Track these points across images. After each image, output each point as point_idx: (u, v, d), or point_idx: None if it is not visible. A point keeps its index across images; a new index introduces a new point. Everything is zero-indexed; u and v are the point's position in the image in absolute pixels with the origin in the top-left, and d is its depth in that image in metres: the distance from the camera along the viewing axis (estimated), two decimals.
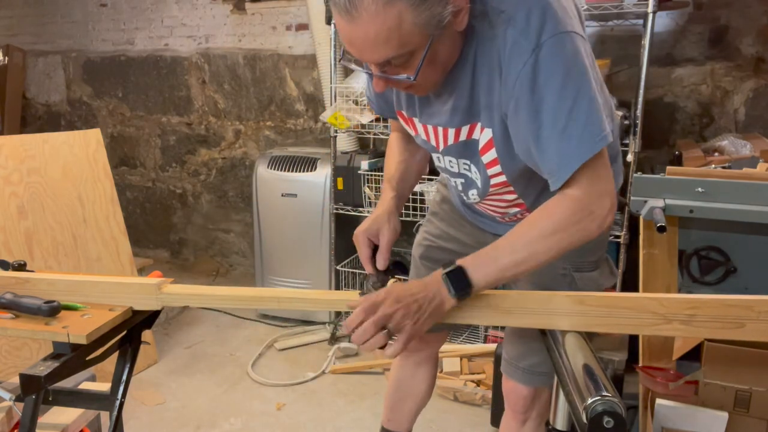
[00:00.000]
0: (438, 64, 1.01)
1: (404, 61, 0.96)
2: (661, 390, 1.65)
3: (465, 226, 1.45)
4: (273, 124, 3.77)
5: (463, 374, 2.56)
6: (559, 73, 0.95)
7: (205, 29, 3.79)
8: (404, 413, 1.70)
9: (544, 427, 1.45)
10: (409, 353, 1.62)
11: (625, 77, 2.74)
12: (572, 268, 1.28)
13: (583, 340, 1.05)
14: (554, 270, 1.26)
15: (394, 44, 0.92)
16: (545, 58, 0.95)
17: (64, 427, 1.44)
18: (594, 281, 1.30)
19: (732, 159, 2.05)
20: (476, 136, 1.12)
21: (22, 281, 1.22)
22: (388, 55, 0.94)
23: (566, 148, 0.97)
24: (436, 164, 1.29)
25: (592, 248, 1.26)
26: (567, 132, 0.96)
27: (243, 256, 4.09)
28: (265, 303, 1.22)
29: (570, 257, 1.22)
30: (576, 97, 0.96)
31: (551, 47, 0.95)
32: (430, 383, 1.68)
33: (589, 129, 0.96)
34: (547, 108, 0.96)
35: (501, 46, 0.98)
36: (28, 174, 2.39)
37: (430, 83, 1.05)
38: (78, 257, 2.50)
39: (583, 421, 0.85)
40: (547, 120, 0.97)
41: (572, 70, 0.96)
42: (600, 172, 1.00)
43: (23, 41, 4.29)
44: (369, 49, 0.94)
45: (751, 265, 1.61)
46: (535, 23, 0.95)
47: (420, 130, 1.22)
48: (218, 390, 2.59)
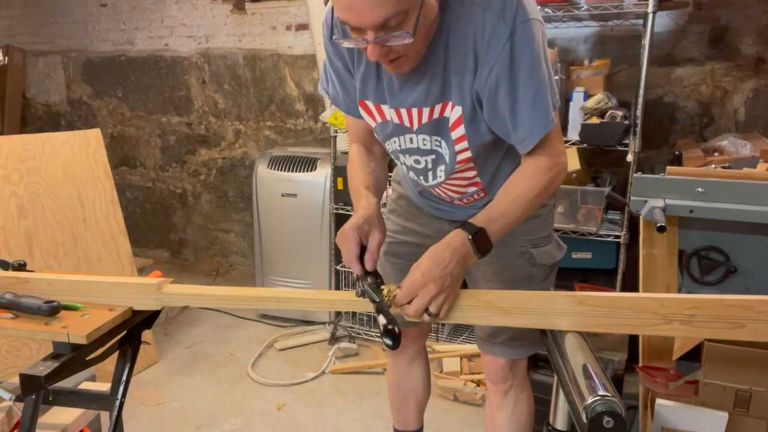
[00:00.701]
0: (424, 31, 1.08)
1: (400, 22, 1.02)
2: (661, 390, 1.65)
3: (422, 218, 1.52)
4: (273, 124, 3.77)
5: (463, 374, 2.56)
6: (530, 55, 1.09)
7: (205, 29, 3.79)
8: (410, 411, 1.76)
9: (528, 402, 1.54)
10: (399, 352, 1.68)
11: (625, 77, 2.74)
12: (529, 245, 1.40)
13: (583, 340, 1.05)
14: (514, 249, 1.39)
15: (393, 1, 0.98)
16: (519, 41, 1.07)
17: (64, 427, 1.44)
18: (548, 253, 1.42)
19: (732, 159, 2.05)
20: (447, 114, 1.20)
21: (22, 281, 1.22)
22: (387, 13, 0.99)
23: (536, 119, 1.13)
24: (404, 148, 1.32)
25: (543, 225, 1.42)
26: (536, 105, 1.12)
27: (243, 256, 4.09)
28: (265, 303, 1.22)
29: (526, 235, 1.38)
30: (541, 76, 1.11)
31: (523, 32, 1.07)
32: (426, 376, 1.74)
33: (551, 102, 1.13)
34: (522, 85, 1.10)
35: (478, 29, 1.09)
36: (28, 174, 2.39)
37: (418, 52, 1.11)
38: (78, 257, 2.50)
39: (583, 421, 0.85)
40: (521, 96, 1.11)
41: (539, 53, 1.10)
42: (557, 136, 1.19)
43: (23, 41, 4.29)
44: (369, 8, 0.98)
45: (751, 265, 1.61)
46: (510, 9, 1.07)
47: (390, 114, 1.26)
48: (218, 390, 2.60)
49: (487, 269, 1.42)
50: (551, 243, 1.44)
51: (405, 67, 1.13)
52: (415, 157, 1.33)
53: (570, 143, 2.46)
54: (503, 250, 1.35)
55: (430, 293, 1.06)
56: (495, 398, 1.54)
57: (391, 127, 1.28)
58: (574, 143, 2.44)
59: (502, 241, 1.31)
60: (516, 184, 1.18)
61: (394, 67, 1.13)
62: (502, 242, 1.33)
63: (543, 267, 1.41)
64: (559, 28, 2.84)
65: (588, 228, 2.45)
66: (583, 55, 2.80)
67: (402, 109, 1.23)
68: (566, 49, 2.86)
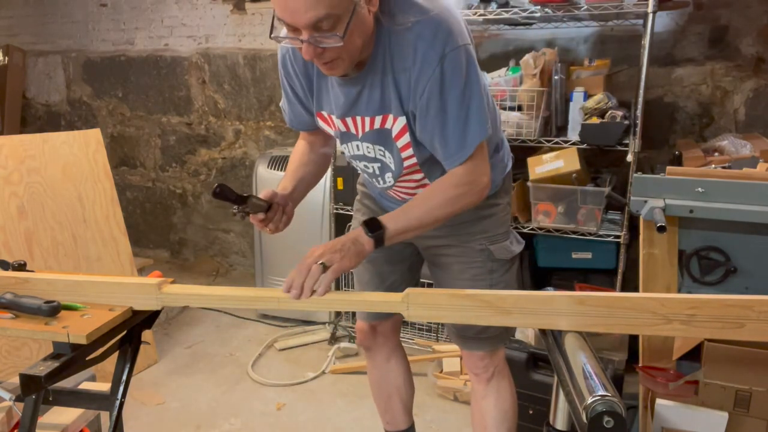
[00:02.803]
0: (357, 38, 1.15)
1: (332, 25, 1.09)
2: (661, 390, 1.65)
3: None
4: (273, 124, 3.77)
5: (463, 374, 2.56)
6: (459, 81, 1.19)
7: (205, 29, 3.79)
8: (396, 410, 1.79)
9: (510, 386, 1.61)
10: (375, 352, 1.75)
11: (625, 77, 2.74)
12: (488, 243, 1.48)
13: (583, 340, 1.05)
14: (474, 246, 1.48)
15: (324, 3, 1.06)
16: (448, 67, 1.17)
17: (64, 427, 1.44)
18: (506, 248, 1.51)
19: (732, 159, 2.05)
20: (388, 126, 1.30)
21: (22, 281, 1.22)
22: (319, 14, 1.06)
23: (462, 140, 1.23)
24: (353, 154, 1.44)
25: (498, 223, 1.50)
26: (464, 128, 1.23)
27: (243, 256, 4.09)
28: (265, 303, 1.22)
29: (484, 234, 1.48)
30: (471, 99, 1.21)
31: (453, 58, 1.17)
32: (406, 372, 1.79)
33: (479, 126, 1.23)
34: (451, 108, 1.21)
35: (411, 51, 1.18)
36: (28, 174, 2.39)
37: (351, 56, 1.18)
38: (78, 257, 2.50)
39: (583, 421, 0.85)
40: (451, 117, 1.22)
41: (469, 78, 1.20)
42: (481, 157, 1.28)
43: (23, 41, 4.29)
44: (303, 9, 1.06)
45: (751, 265, 1.61)
46: (440, 38, 1.16)
47: (338, 124, 1.37)
48: (218, 390, 2.59)
49: (455, 268, 1.52)
50: (509, 239, 1.52)
51: (338, 70, 1.21)
52: (364, 163, 1.45)
53: (570, 143, 2.46)
54: (465, 249, 1.49)
55: (318, 251, 1.21)
56: (478, 388, 1.61)
57: (341, 134, 1.40)
58: (574, 143, 2.44)
59: (463, 241, 1.48)
60: (428, 192, 1.30)
61: (327, 69, 1.21)
62: (464, 242, 1.48)
63: (502, 261, 1.50)
64: (559, 28, 2.84)
65: (588, 228, 2.45)
66: (583, 55, 2.80)
67: (347, 118, 1.34)
68: (566, 49, 2.86)
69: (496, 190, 1.49)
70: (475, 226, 1.48)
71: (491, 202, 1.48)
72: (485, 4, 2.51)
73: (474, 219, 1.47)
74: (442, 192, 1.28)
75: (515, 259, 1.55)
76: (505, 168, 1.52)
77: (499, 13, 2.47)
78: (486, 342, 1.53)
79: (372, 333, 1.71)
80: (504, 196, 1.53)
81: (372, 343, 1.73)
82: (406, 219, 1.26)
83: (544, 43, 2.87)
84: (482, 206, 1.43)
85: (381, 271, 1.63)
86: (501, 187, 1.51)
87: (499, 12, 2.47)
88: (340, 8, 1.08)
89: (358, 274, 1.69)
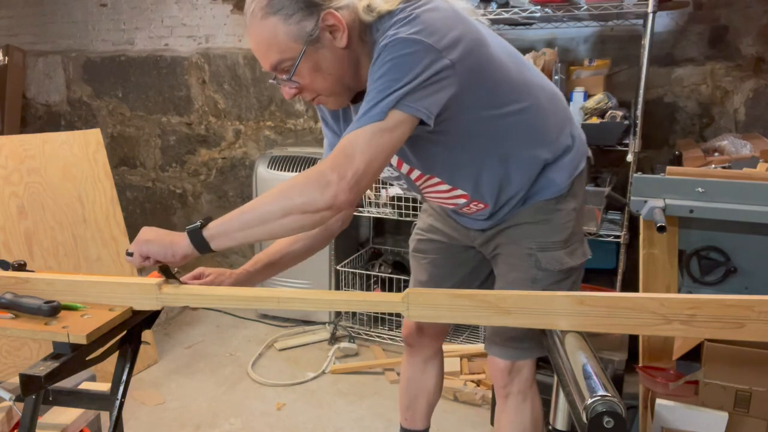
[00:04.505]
0: (325, 74, 1.16)
1: (288, 67, 1.14)
2: (661, 390, 1.65)
3: (449, 221, 1.55)
4: (273, 124, 3.77)
5: (463, 374, 2.56)
6: (388, 57, 1.06)
7: (205, 29, 3.79)
8: (419, 410, 1.78)
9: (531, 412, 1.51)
10: (416, 351, 1.72)
11: (625, 77, 2.74)
12: (537, 248, 1.36)
13: (583, 340, 1.05)
14: (522, 250, 1.37)
15: (275, 50, 1.12)
16: (387, 48, 1.07)
17: (64, 427, 1.44)
18: (557, 260, 1.36)
19: (732, 159, 2.05)
20: None
21: (22, 281, 1.22)
22: (273, 59, 1.14)
23: (351, 124, 1.09)
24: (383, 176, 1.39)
25: (555, 230, 1.36)
26: (360, 110, 1.08)
27: (243, 256, 4.09)
28: (265, 303, 1.22)
29: (534, 238, 1.35)
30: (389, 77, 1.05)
31: (395, 43, 1.06)
32: (438, 379, 1.76)
33: (372, 110, 1.05)
34: (368, 91, 1.09)
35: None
36: (28, 174, 2.39)
37: (332, 92, 1.19)
38: (78, 257, 2.50)
39: (583, 421, 0.85)
40: (364, 102, 1.08)
41: (395, 66, 1.05)
42: (356, 148, 1.05)
43: (23, 41, 4.28)
44: (261, 54, 1.15)
45: (751, 265, 1.61)
46: (391, 33, 1.08)
47: None
48: (218, 390, 2.59)
49: (502, 268, 1.43)
50: (567, 248, 1.37)
51: (329, 105, 1.24)
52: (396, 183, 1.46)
53: None
54: (514, 249, 1.38)
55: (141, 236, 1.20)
56: (498, 401, 1.54)
57: None
58: None
59: (512, 241, 1.38)
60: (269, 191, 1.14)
61: (315, 104, 1.25)
62: (515, 242, 1.38)
63: (549, 272, 1.37)
64: (559, 28, 2.84)
65: (588, 228, 2.45)
66: (583, 55, 2.80)
67: None
68: (566, 49, 2.86)
69: (561, 194, 1.34)
70: (526, 228, 1.36)
71: (551, 206, 1.35)
72: (485, 4, 2.51)
73: (527, 221, 1.36)
74: (279, 189, 1.10)
75: (571, 272, 1.39)
76: (575, 169, 1.36)
77: (499, 13, 2.47)
78: (510, 350, 1.43)
79: (418, 332, 1.67)
80: (569, 201, 1.36)
81: (415, 341, 1.70)
82: (229, 217, 1.12)
83: (544, 43, 2.87)
84: (540, 208, 1.34)
85: (440, 273, 1.57)
86: (567, 190, 1.35)
87: (499, 12, 2.47)
88: (290, 52, 1.12)
89: (414, 274, 1.65)
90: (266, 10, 1.10)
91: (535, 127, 1.29)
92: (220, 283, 1.33)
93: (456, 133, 1.22)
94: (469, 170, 1.31)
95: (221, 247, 1.13)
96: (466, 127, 1.22)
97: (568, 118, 1.40)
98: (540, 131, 1.30)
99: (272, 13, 1.10)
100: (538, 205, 1.34)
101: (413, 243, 1.64)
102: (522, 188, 1.33)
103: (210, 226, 1.13)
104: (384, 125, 1.05)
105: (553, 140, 1.32)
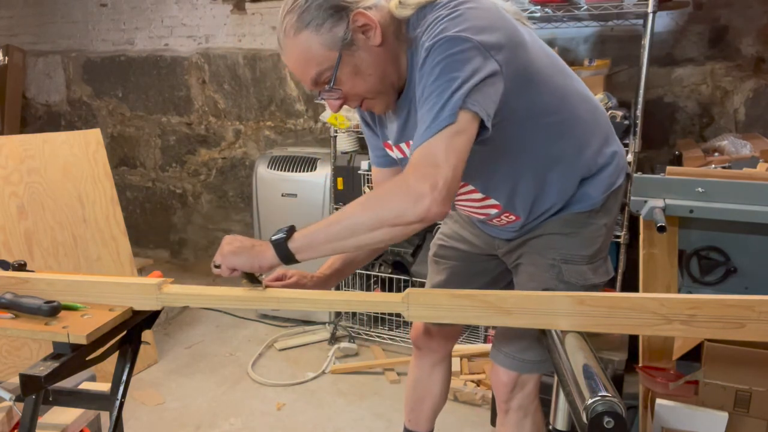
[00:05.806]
0: (366, 75, 1.14)
1: (328, 77, 1.13)
2: (661, 390, 1.65)
3: (474, 229, 1.52)
4: (273, 124, 3.77)
5: (463, 374, 2.56)
6: (439, 58, 1.03)
7: (205, 29, 3.79)
8: (423, 413, 1.77)
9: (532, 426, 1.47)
10: (424, 354, 1.70)
11: (625, 77, 2.74)
12: (561, 260, 1.32)
13: (583, 340, 1.05)
14: (545, 260, 1.33)
15: (313, 63, 1.12)
16: (435, 50, 1.04)
17: (64, 427, 1.44)
18: (581, 274, 1.32)
19: (732, 159, 2.05)
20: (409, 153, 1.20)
21: (22, 281, 1.22)
22: (313, 73, 1.13)
23: (420, 131, 1.04)
24: None
25: (582, 244, 1.32)
26: (431, 111, 1.02)
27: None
28: (265, 303, 1.22)
29: (558, 250, 1.31)
30: (446, 78, 1.01)
31: (442, 43, 1.03)
32: (445, 384, 1.75)
33: (440, 113, 1.01)
34: (426, 91, 1.04)
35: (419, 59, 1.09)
36: (28, 174, 2.39)
37: (377, 93, 1.18)
38: (78, 257, 2.50)
39: (583, 422, 0.85)
40: (425, 102, 1.04)
41: (449, 65, 1.02)
42: (438, 155, 1.00)
43: (23, 41, 4.29)
44: (299, 72, 1.15)
45: (751, 265, 1.61)
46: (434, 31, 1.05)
47: (396, 151, 1.34)
48: (218, 390, 2.59)
49: (523, 277, 1.39)
50: (593, 264, 1.34)
51: (378, 108, 1.22)
52: None
53: None
54: (537, 259, 1.35)
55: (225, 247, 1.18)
56: (499, 414, 1.49)
57: (400, 161, 1.36)
58: None
59: (538, 251, 1.34)
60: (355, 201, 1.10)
61: (366, 109, 1.23)
62: (539, 252, 1.35)
63: (571, 285, 1.32)
64: (559, 28, 2.84)
65: None
66: (583, 55, 2.80)
67: (401, 144, 1.30)
68: (566, 49, 2.86)
69: (594, 208, 1.31)
70: (553, 239, 1.32)
71: (582, 219, 1.31)
72: None
73: (555, 232, 1.33)
74: (366, 199, 1.08)
75: (591, 289, 1.34)
76: (612, 185, 1.31)
77: None
78: (516, 362, 1.39)
79: (427, 335, 1.65)
80: (601, 216, 1.32)
81: (424, 344, 1.68)
82: (314, 228, 1.09)
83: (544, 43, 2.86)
84: (570, 220, 1.31)
85: (457, 281, 1.55)
86: (601, 205, 1.31)
87: None
88: (328, 61, 1.11)
89: (431, 278, 1.61)
90: (297, 26, 1.09)
91: (576, 139, 1.26)
92: (303, 285, 1.34)
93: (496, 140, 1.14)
94: (505, 180, 1.27)
95: (306, 259, 1.11)
96: (506, 135, 1.17)
97: (610, 132, 1.35)
98: (581, 144, 1.27)
99: (303, 27, 1.09)
100: (569, 217, 1.30)
101: (434, 248, 1.61)
102: (556, 203, 1.30)
103: (295, 237, 1.10)
104: (457, 128, 1.01)
105: (593, 155, 1.28)
